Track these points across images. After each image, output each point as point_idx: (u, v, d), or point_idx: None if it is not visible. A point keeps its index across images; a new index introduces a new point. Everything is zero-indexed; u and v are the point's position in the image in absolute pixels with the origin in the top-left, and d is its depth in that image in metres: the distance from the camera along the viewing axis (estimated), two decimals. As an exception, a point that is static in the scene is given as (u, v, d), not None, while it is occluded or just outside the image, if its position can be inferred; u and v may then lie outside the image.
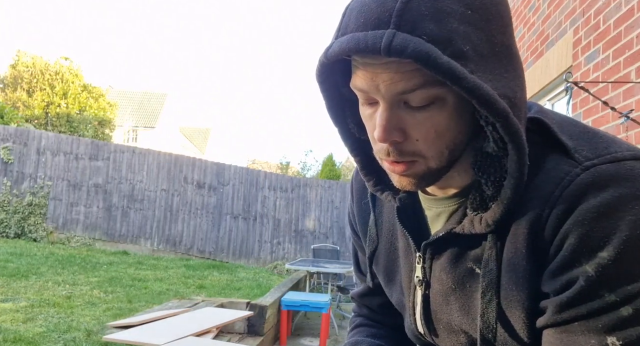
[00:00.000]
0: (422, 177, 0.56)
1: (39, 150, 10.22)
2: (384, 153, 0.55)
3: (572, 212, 0.49)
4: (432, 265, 0.63)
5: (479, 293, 0.57)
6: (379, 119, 0.52)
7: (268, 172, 11.63)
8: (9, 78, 16.74)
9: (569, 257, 0.49)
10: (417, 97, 0.50)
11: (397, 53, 0.46)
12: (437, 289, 0.63)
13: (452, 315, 0.62)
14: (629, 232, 0.46)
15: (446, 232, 0.59)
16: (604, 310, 0.48)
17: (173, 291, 6.46)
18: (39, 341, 3.82)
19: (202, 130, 45.70)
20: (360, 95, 0.55)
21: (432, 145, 0.53)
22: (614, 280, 0.47)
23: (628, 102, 2.42)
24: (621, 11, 2.57)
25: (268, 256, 10.07)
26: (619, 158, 0.50)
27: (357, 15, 0.50)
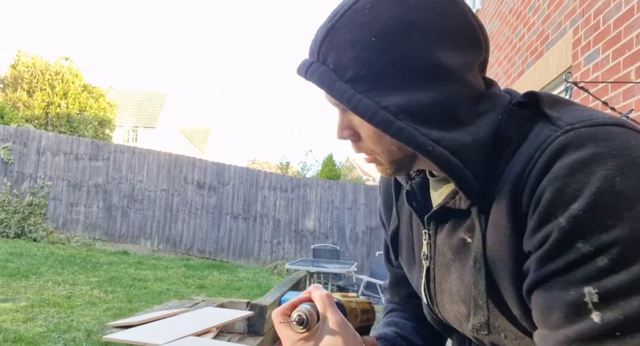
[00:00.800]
0: (389, 167, 0.63)
1: (39, 150, 10.22)
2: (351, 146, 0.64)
3: (549, 171, 0.51)
4: (435, 240, 0.67)
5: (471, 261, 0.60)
6: (337, 122, 0.62)
7: (268, 172, 11.63)
8: (9, 78, 16.73)
9: (545, 212, 0.50)
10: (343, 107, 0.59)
11: (310, 79, 0.58)
12: (440, 262, 0.67)
13: (452, 285, 0.65)
14: (601, 183, 0.47)
15: (440, 207, 0.64)
16: (580, 261, 0.48)
17: (173, 291, 6.46)
18: (39, 341, 3.82)
19: (202, 130, 45.70)
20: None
21: (377, 144, 0.60)
22: (587, 230, 0.48)
23: (628, 102, 2.43)
24: (621, 11, 2.58)
25: (268, 256, 10.07)
26: (599, 123, 0.52)
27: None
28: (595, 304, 0.46)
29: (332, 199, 10.11)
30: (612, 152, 0.49)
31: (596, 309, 0.46)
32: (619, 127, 0.52)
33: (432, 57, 0.56)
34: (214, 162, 10.71)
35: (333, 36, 0.57)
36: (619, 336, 0.45)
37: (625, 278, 0.46)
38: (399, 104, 0.55)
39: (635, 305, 0.45)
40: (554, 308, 0.50)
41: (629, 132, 0.51)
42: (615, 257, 0.46)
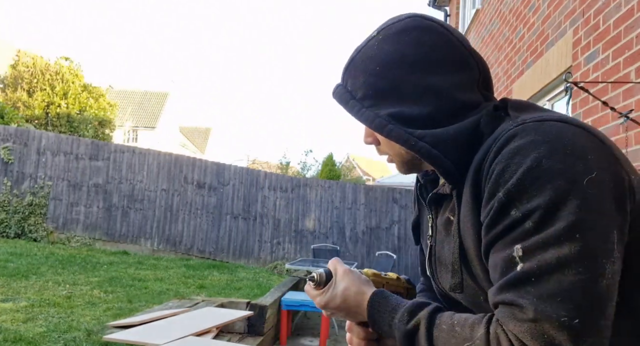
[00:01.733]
0: (402, 166, 0.81)
1: (39, 150, 10.22)
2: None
3: (498, 155, 0.63)
4: (436, 223, 0.81)
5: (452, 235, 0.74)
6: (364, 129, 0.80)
7: (268, 172, 11.63)
8: (10, 78, 16.72)
9: (491, 187, 0.63)
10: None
11: (334, 98, 0.79)
12: (438, 239, 0.81)
13: (445, 258, 0.78)
14: (530, 163, 0.60)
15: (433, 193, 0.80)
16: (512, 225, 0.60)
17: (173, 291, 6.46)
18: (39, 341, 3.82)
19: (202, 129, 45.68)
20: None
21: (390, 148, 0.78)
22: (518, 200, 0.60)
23: (628, 102, 2.43)
24: (621, 11, 2.58)
25: (268, 256, 10.07)
26: (546, 118, 0.65)
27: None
28: (520, 257, 0.58)
29: (332, 199, 10.11)
30: (545, 139, 0.61)
31: (520, 261, 0.58)
32: (561, 123, 0.64)
33: (420, 80, 0.73)
34: (214, 162, 10.71)
35: (352, 66, 0.78)
36: (534, 281, 0.56)
37: (544, 236, 0.57)
38: (390, 114, 0.73)
39: (548, 257, 0.56)
40: (496, 266, 0.61)
41: (569, 126, 0.63)
42: (537, 220, 0.58)
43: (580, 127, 0.63)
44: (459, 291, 0.74)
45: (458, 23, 8.47)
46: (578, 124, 0.64)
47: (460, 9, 8.29)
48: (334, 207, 10.06)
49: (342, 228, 9.94)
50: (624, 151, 2.37)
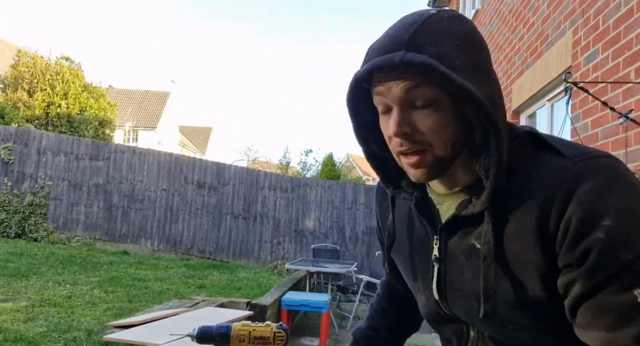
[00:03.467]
0: (432, 166, 0.72)
1: (40, 150, 10.22)
2: (399, 145, 0.71)
3: (573, 195, 0.64)
4: (446, 245, 0.79)
5: (481, 261, 0.71)
6: (393, 118, 0.70)
7: (268, 172, 11.63)
8: (10, 78, 16.72)
9: (580, 229, 0.62)
10: (420, 99, 0.69)
11: (408, 64, 0.66)
12: (452, 263, 0.78)
13: (465, 284, 0.76)
14: (620, 204, 0.61)
15: (453, 216, 0.76)
16: (624, 269, 0.60)
17: (173, 291, 6.46)
18: (39, 341, 3.83)
19: (202, 129, 45.69)
20: (380, 107, 0.73)
21: (435, 136, 0.70)
22: (623, 241, 0.60)
23: (627, 102, 2.43)
24: (621, 11, 2.58)
25: (268, 256, 10.07)
26: (597, 155, 0.68)
27: (377, 49, 0.71)
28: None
29: (332, 199, 10.12)
30: (617, 178, 0.64)
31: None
32: (610, 158, 0.67)
33: (489, 66, 0.73)
34: (214, 161, 10.71)
35: (422, 37, 0.69)
36: None
37: None
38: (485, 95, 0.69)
39: None
40: (608, 312, 0.61)
41: (617, 161, 0.68)
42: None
43: (618, 160, 0.68)
44: (491, 320, 0.73)
45: (458, 23, 8.45)
46: (613, 157, 0.69)
47: (460, 10, 8.29)
48: (334, 207, 10.06)
49: (342, 228, 9.95)
50: (624, 151, 2.38)
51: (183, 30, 77.23)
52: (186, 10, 77.39)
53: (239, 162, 28.19)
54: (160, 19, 75.96)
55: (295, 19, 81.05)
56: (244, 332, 0.84)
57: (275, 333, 0.86)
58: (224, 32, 79.18)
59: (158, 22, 76.23)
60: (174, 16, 76.80)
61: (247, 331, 0.84)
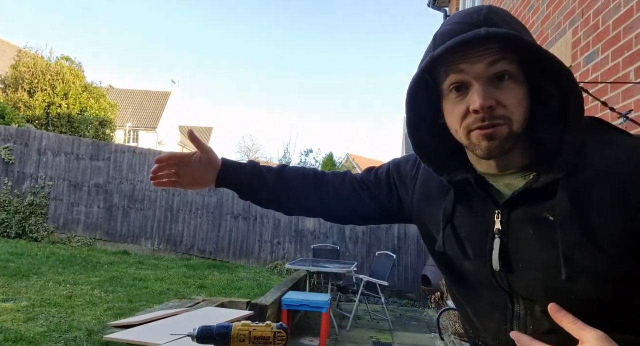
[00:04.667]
0: (505, 139, 0.75)
1: (40, 151, 10.23)
2: (479, 120, 0.74)
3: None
4: (509, 219, 0.80)
5: (557, 230, 0.73)
6: (477, 93, 0.73)
7: (268, 172, 11.62)
8: (10, 78, 16.72)
9: None
10: (502, 73, 0.73)
11: (494, 35, 0.70)
12: (516, 236, 0.80)
13: (532, 255, 0.78)
14: None
15: (524, 189, 0.77)
16: None
17: (174, 290, 6.47)
18: (39, 341, 3.83)
19: (203, 129, 45.70)
20: (453, 86, 0.77)
21: (516, 109, 0.74)
22: None
23: (627, 103, 2.43)
24: (620, 11, 2.58)
25: (268, 256, 10.07)
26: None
27: (450, 32, 0.75)
28: None
29: (333, 199, 10.11)
30: None
31: None
32: None
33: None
34: (214, 162, 10.71)
35: (494, 18, 0.75)
36: None
37: None
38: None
39: None
40: None
41: None
42: None
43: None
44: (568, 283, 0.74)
45: (458, 23, 8.45)
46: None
47: (460, 10, 8.28)
48: (334, 207, 10.06)
49: (342, 228, 9.95)
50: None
51: (183, 30, 77.25)
52: (186, 10, 77.41)
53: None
54: (160, 19, 75.99)
55: (296, 19, 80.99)
56: (244, 332, 0.84)
57: (275, 333, 0.86)
58: (224, 32, 79.20)
59: (158, 22, 76.26)
60: (174, 16, 76.82)
61: (247, 331, 0.85)
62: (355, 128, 75.17)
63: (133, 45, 75.84)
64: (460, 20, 0.76)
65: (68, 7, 72.10)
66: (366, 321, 6.68)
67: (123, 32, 74.54)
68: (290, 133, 63.38)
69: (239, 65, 78.84)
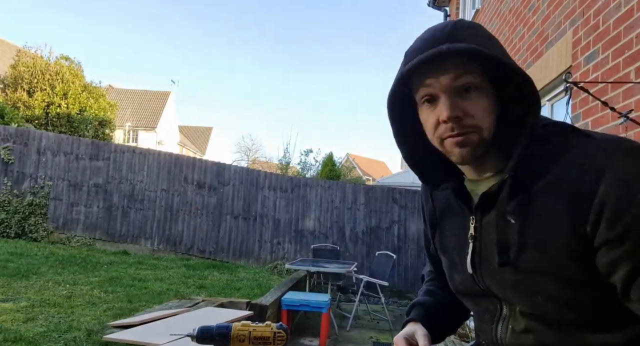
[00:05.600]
0: (477, 145, 0.79)
1: (40, 150, 10.22)
2: (449, 130, 0.79)
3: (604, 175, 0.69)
4: (482, 224, 0.85)
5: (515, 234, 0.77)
6: (445, 104, 0.78)
7: (268, 172, 11.63)
8: (10, 78, 16.70)
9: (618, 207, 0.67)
10: (467, 85, 0.77)
11: (456, 51, 0.74)
12: (486, 240, 0.84)
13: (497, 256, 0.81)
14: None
15: (483, 193, 0.83)
16: None
17: (173, 291, 6.46)
18: (39, 341, 3.82)
19: (202, 129, 45.69)
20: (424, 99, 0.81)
21: (484, 118, 0.78)
22: None
23: (627, 102, 2.43)
24: (621, 11, 2.58)
25: (268, 256, 10.07)
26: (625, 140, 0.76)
27: (417, 49, 0.80)
28: None
29: (332, 199, 10.12)
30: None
31: None
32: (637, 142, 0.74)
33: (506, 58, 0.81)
34: (214, 162, 10.71)
35: (459, 33, 0.78)
36: None
37: None
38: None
39: None
40: None
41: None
42: None
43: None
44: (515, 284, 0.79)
45: (458, 23, 8.44)
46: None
47: (460, 10, 8.29)
48: (334, 207, 10.06)
49: (342, 228, 9.95)
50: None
51: (183, 30, 77.23)
52: (186, 10, 77.39)
53: (239, 162, 28.20)
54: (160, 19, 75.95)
55: (296, 19, 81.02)
56: (244, 332, 0.84)
57: (275, 333, 0.86)
58: (224, 32, 79.20)
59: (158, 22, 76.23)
60: (173, 16, 76.79)
61: (247, 331, 0.84)
62: (355, 128, 75.22)
63: (133, 45, 75.85)
64: (427, 37, 0.81)
65: (68, 7, 72.08)
66: (366, 321, 6.68)
67: (123, 32, 74.53)
68: (290, 133, 63.31)
69: (239, 65, 78.86)
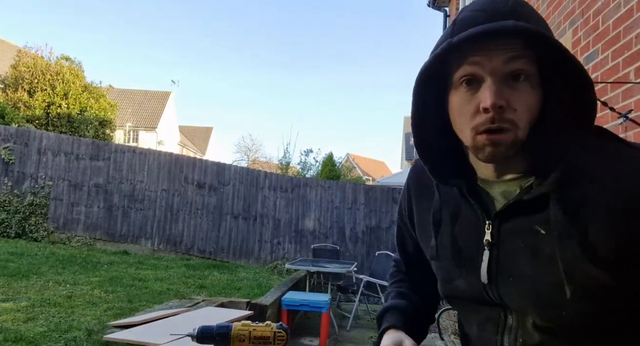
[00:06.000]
0: (510, 146, 0.70)
1: (40, 151, 10.23)
2: (489, 121, 0.69)
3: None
4: (499, 230, 0.77)
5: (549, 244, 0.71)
6: (490, 89, 0.68)
7: (268, 172, 11.64)
8: (10, 78, 16.71)
9: None
10: (519, 71, 0.68)
11: (521, 30, 0.65)
12: (506, 248, 0.77)
13: (522, 268, 0.75)
14: None
15: (515, 200, 0.74)
16: None
17: (173, 291, 6.47)
18: (39, 341, 3.83)
19: (202, 129, 45.70)
20: (465, 79, 0.71)
21: (524, 115, 0.69)
22: None
23: (627, 103, 2.43)
24: (620, 11, 2.58)
25: (268, 256, 10.08)
26: None
27: (472, 19, 0.70)
28: None
29: (332, 199, 10.12)
30: None
31: None
32: None
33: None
34: (214, 162, 10.72)
35: (522, 11, 0.70)
36: None
37: None
38: None
39: None
40: None
41: None
42: None
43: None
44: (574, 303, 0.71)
45: (458, 23, 8.45)
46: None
47: (460, 10, 8.28)
48: (334, 207, 10.07)
49: (342, 228, 9.95)
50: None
51: (183, 29, 77.25)
52: (186, 10, 77.41)
53: (239, 162, 28.20)
54: (161, 18, 75.99)
55: (296, 19, 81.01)
56: (244, 332, 0.84)
57: (275, 333, 0.86)
58: (224, 32, 79.22)
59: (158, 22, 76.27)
60: (174, 16, 76.82)
61: (247, 331, 0.85)
62: (355, 128, 75.22)
63: (133, 45, 75.86)
64: (485, 8, 0.71)
65: (68, 7, 72.10)
66: (366, 321, 6.68)
67: (123, 31, 74.54)
68: (290, 133, 63.33)
69: (239, 65, 78.88)
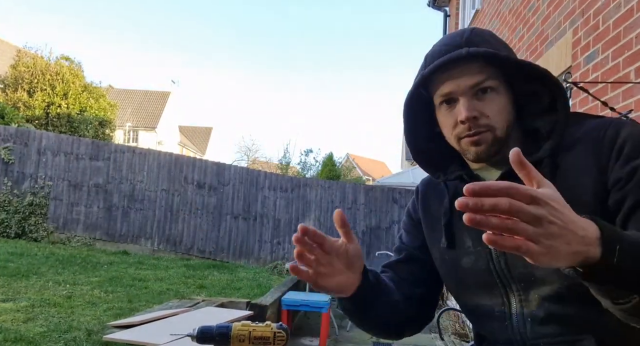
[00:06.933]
0: (491, 144, 0.86)
1: (40, 151, 10.23)
2: (466, 130, 0.86)
3: (620, 131, 0.81)
4: None
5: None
6: (463, 106, 0.85)
7: (268, 172, 11.63)
8: (10, 78, 16.71)
9: (629, 154, 0.78)
10: (484, 87, 0.85)
11: (474, 54, 0.83)
12: None
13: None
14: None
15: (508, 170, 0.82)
16: None
17: (173, 291, 6.46)
18: (39, 341, 3.82)
19: (202, 129, 45.68)
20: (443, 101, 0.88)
21: (498, 118, 0.86)
22: None
23: (627, 102, 2.43)
24: (620, 11, 2.58)
25: (268, 256, 10.07)
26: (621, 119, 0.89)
27: (437, 54, 0.87)
28: None
29: (332, 199, 10.12)
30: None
31: None
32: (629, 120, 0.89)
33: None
34: (214, 162, 10.72)
35: (476, 39, 0.87)
36: None
37: None
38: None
39: None
40: None
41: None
42: None
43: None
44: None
45: (458, 23, 8.48)
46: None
47: (460, 10, 8.29)
48: (334, 207, 10.06)
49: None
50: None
51: (183, 29, 77.27)
52: (186, 9, 77.42)
53: (239, 162, 28.18)
54: (160, 18, 75.99)
55: (296, 19, 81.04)
56: (244, 332, 0.84)
57: (275, 333, 0.86)
58: (224, 31, 79.24)
59: (158, 22, 76.27)
60: (173, 16, 76.83)
61: (247, 331, 0.85)
62: (355, 128, 75.22)
63: (133, 45, 75.86)
64: (447, 42, 0.89)
65: (68, 7, 72.10)
66: (366, 321, 6.67)
67: (123, 31, 74.56)
68: (290, 133, 63.29)
69: (240, 65, 78.86)
